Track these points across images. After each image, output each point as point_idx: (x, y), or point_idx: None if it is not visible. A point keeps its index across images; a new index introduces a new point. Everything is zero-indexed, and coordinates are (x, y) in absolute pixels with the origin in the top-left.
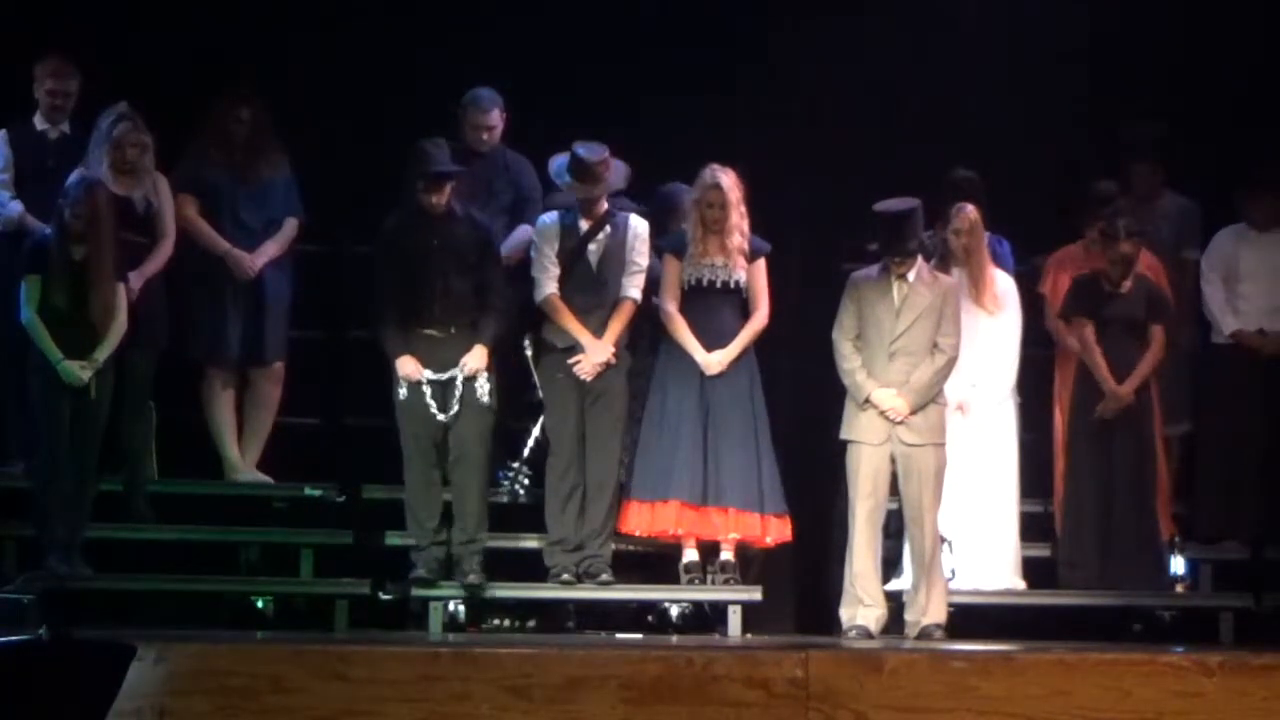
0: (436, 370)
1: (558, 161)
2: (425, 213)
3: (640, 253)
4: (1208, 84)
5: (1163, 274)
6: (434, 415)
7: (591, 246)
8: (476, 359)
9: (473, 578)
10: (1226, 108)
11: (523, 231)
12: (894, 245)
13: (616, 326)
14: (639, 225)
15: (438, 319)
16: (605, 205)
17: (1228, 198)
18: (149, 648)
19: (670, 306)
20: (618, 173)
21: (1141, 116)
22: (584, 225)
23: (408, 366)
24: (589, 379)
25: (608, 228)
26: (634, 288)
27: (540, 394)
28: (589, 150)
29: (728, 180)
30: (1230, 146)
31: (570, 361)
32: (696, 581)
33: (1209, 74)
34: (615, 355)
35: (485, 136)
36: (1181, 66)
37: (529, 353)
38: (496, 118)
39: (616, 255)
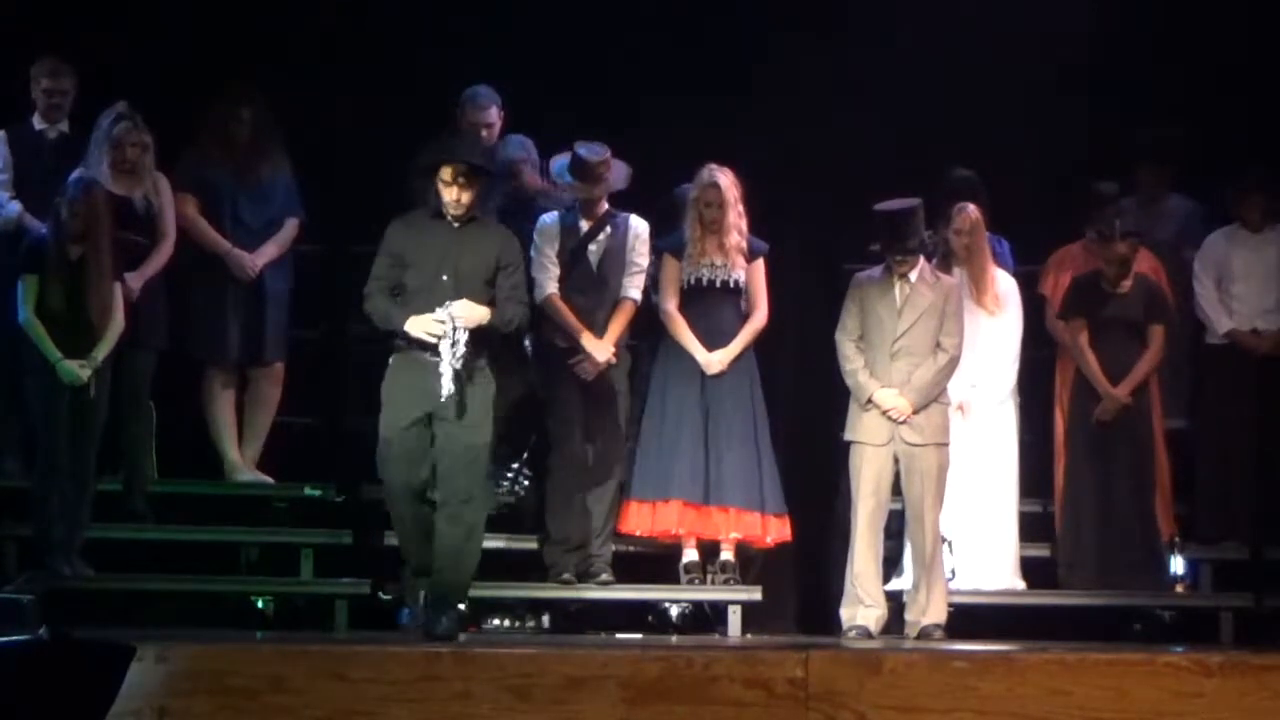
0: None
1: (559, 162)
2: (445, 214)
3: (640, 253)
4: (1207, 84)
5: (1163, 274)
6: (439, 393)
7: (592, 247)
8: (471, 309)
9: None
10: (1225, 108)
11: None
12: (895, 244)
13: (617, 326)
14: (639, 226)
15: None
16: (606, 205)
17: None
18: (149, 648)
19: (670, 306)
20: (618, 173)
21: (1140, 115)
22: (584, 225)
23: (420, 323)
24: (590, 379)
25: (608, 228)
26: (634, 288)
27: (541, 394)
28: (590, 150)
29: (725, 180)
30: (1230, 146)
31: (571, 362)
32: (696, 581)
33: (1208, 74)
34: (615, 355)
35: (484, 134)
36: (1181, 66)
37: (530, 353)
38: (494, 115)
39: (617, 255)
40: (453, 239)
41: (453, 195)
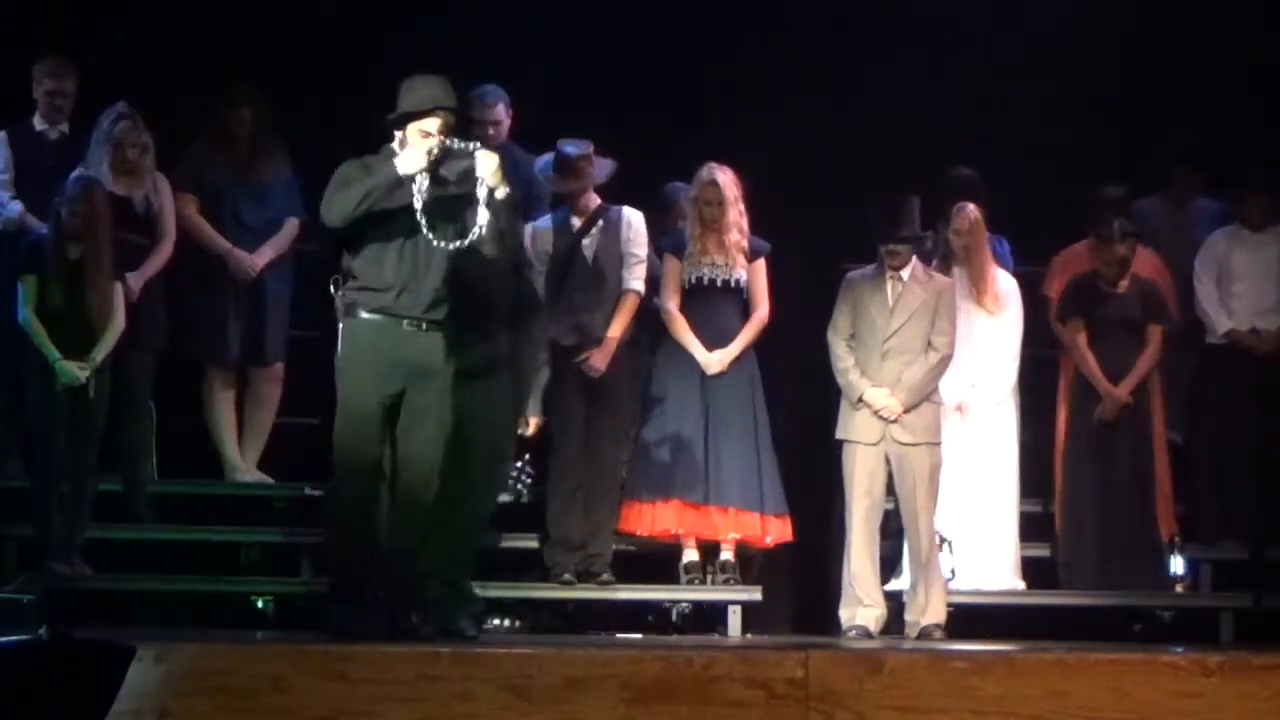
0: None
1: (543, 160)
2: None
3: (638, 244)
4: (1208, 84)
5: (1160, 274)
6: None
7: (586, 242)
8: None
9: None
10: (1226, 108)
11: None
12: (887, 232)
13: (621, 320)
14: (633, 216)
15: (418, 313)
16: (597, 200)
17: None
18: (149, 648)
19: (671, 306)
20: (602, 168)
21: (1141, 115)
22: (576, 223)
23: (410, 152)
24: (596, 376)
25: (601, 223)
26: (636, 279)
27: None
28: (573, 146)
29: (725, 178)
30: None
31: (577, 360)
32: (696, 581)
33: (1208, 74)
34: (618, 351)
35: (491, 132)
36: (1181, 66)
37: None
38: (502, 112)
39: (613, 250)
40: (430, 206)
41: (428, 149)
